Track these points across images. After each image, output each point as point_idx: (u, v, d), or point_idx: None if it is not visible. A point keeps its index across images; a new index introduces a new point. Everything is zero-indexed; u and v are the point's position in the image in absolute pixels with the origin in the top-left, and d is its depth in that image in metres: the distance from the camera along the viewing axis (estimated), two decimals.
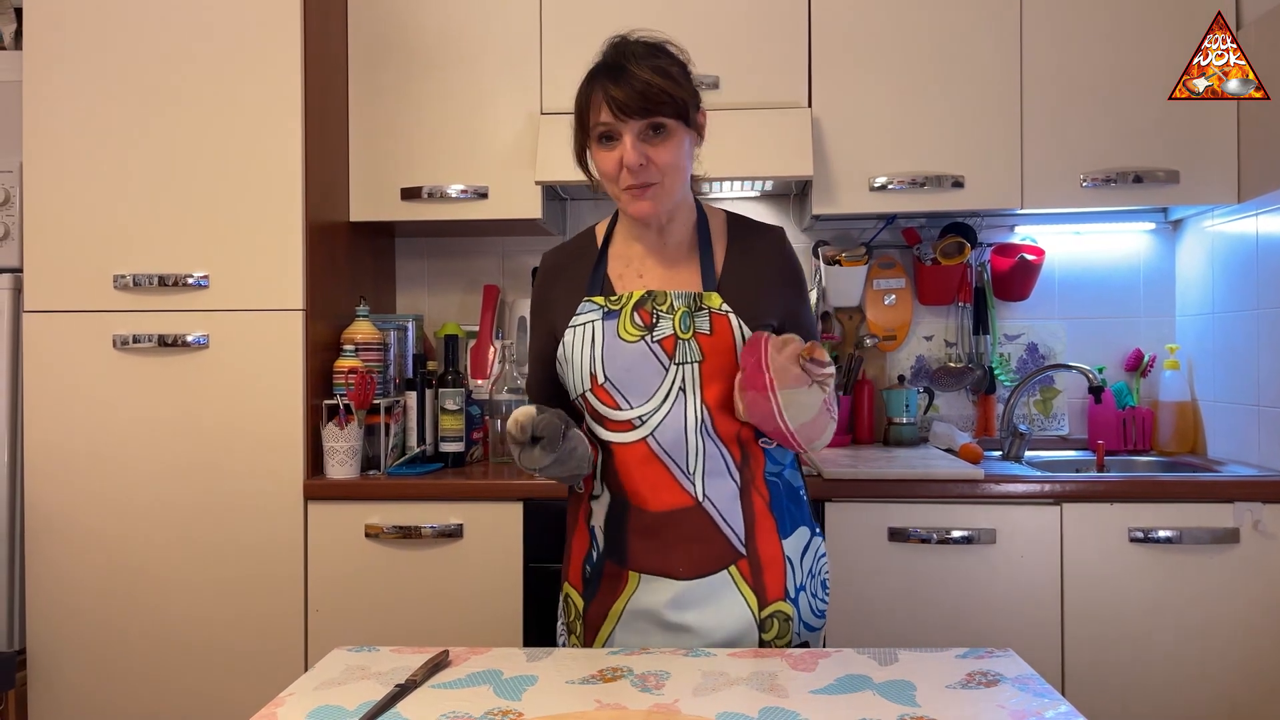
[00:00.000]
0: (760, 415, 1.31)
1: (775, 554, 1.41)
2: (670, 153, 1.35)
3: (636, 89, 1.32)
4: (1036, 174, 2.32)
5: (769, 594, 1.40)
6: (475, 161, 2.40)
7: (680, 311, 1.38)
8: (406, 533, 2.13)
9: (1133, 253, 2.66)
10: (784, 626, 1.41)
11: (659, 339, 1.37)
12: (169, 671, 2.17)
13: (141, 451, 2.18)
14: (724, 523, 1.39)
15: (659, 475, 1.38)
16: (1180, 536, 2.03)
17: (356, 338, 2.30)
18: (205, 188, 2.18)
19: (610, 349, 1.38)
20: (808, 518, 1.48)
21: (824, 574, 1.49)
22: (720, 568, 1.39)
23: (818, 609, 1.46)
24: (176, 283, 2.18)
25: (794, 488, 1.47)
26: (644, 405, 1.38)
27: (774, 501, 1.42)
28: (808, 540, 1.46)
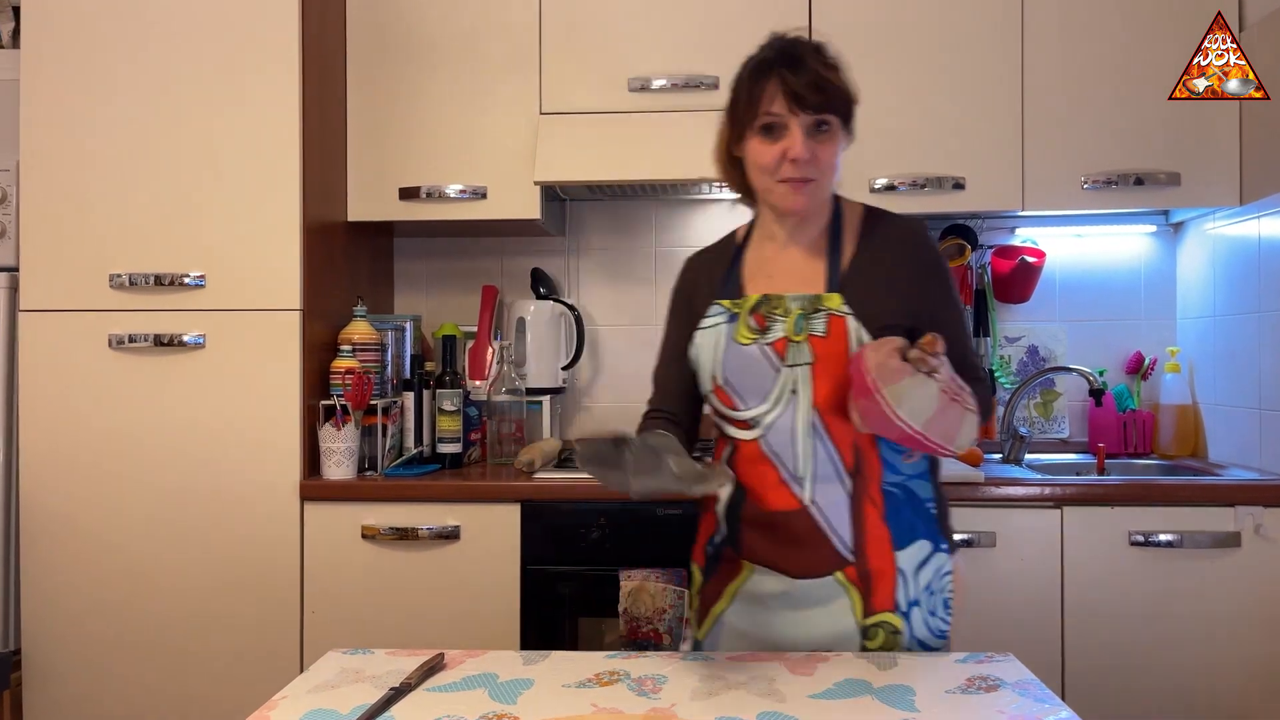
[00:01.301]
0: (877, 421, 1.25)
1: (886, 565, 1.37)
2: (832, 152, 1.37)
3: (814, 82, 1.33)
4: (1038, 176, 2.31)
5: (876, 603, 1.37)
6: (474, 161, 2.39)
7: (795, 314, 1.38)
8: (403, 534, 2.12)
9: (1134, 255, 2.65)
10: (891, 639, 1.37)
11: (770, 341, 1.38)
12: (164, 672, 2.15)
13: (137, 452, 2.16)
14: (831, 529, 1.37)
15: (769, 476, 1.40)
16: (1181, 540, 2.02)
17: (354, 338, 2.29)
18: (202, 186, 2.17)
19: (729, 352, 1.40)
20: (933, 532, 1.41)
21: (946, 592, 1.40)
22: (826, 572, 1.38)
23: (936, 629, 1.39)
24: (173, 282, 2.17)
25: (919, 499, 1.41)
26: (759, 407, 1.39)
27: (890, 512, 1.38)
28: (928, 554, 1.39)
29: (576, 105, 2.37)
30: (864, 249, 1.42)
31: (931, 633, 1.39)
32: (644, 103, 2.36)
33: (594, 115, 2.36)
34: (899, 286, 1.40)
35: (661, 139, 2.31)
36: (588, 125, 2.35)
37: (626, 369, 2.75)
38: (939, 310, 1.41)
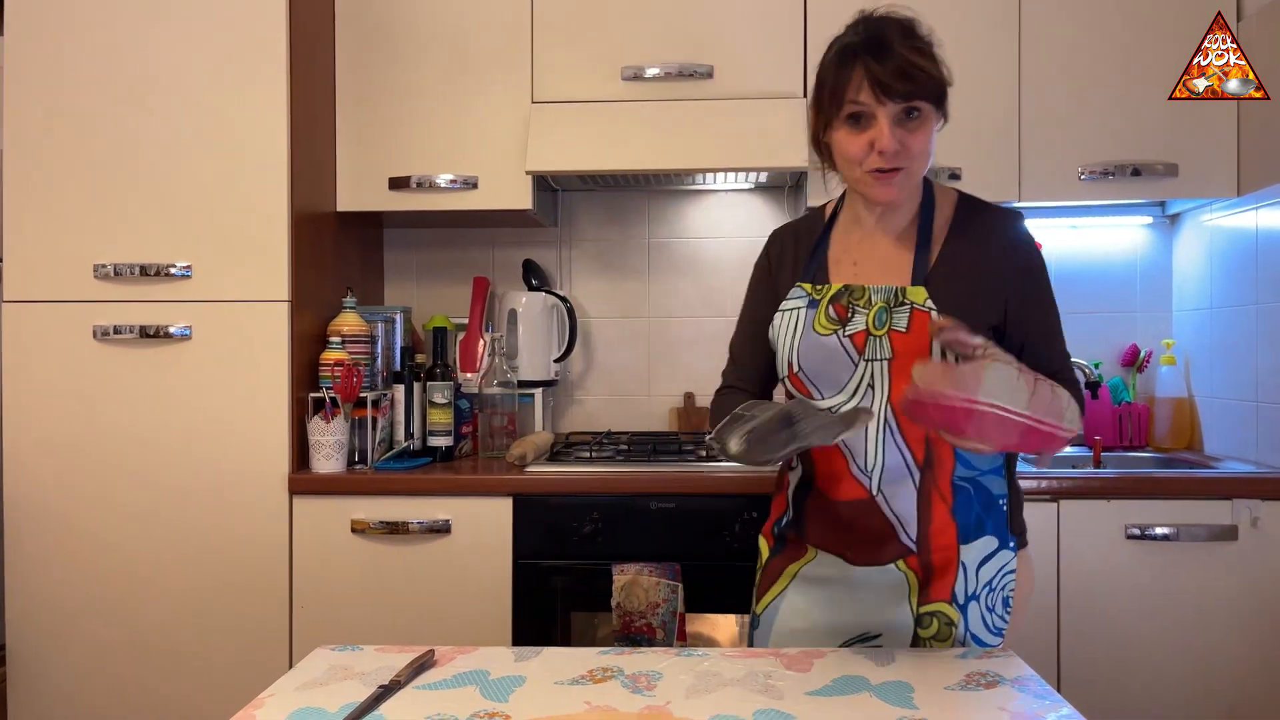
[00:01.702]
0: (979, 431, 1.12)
1: (950, 557, 1.36)
2: (924, 139, 1.31)
3: (902, 69, 1.26)
4: (1034, 166, 2.29)
5: (933, 593, 1.37)
6: (465, 151, 2.36)
7: (877, 306, 1.34)
8: (394, 528, 2.10)
9: (1129, 247, 2.64)
10: (945, 629, 1.36)
11: (851, 334, 1.35)
12: (151, 668, 2.13)
13: (123, 445, 2.13)
14: (897, 520, 1.37)
15: (839, 466, 1.39)
16: (1177, 533, 2.01)
17: (343, 330, 2.26)
18: (188, 176, 2.14)
19: (806, 340, 1.38)
20: (1001, 528, 1.38)
21: (1007, 590, 1.38)
22: (889, 560, 1.38)
23: (994, 625, 1.38)
24: (159, 273, 2.14)
25: (991, 494, 1.38)
26: (835, 397, 1.37)
27: (959, 506, 1.36)
28: (993, 550, 1.38)
29: (569, 94, 2.34)
30: (954, 241, 1.37)
31: (988, 629, 1.38)
32: (637, 92, 2.33)
33: (586, 104, 2.33)
34: (988, 283, 1.35)
35: (655, 128, 2.29)
36: (580, 114, 2.32)
37: (619, 361, 2.73)
38: (1029, 310, 1.36)
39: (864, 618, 1.41)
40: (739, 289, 2.66)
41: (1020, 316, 1.36)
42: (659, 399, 2.72)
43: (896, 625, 1.39)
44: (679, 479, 2.07)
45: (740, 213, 2.70)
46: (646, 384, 2.73)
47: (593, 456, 2.22)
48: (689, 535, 2.05)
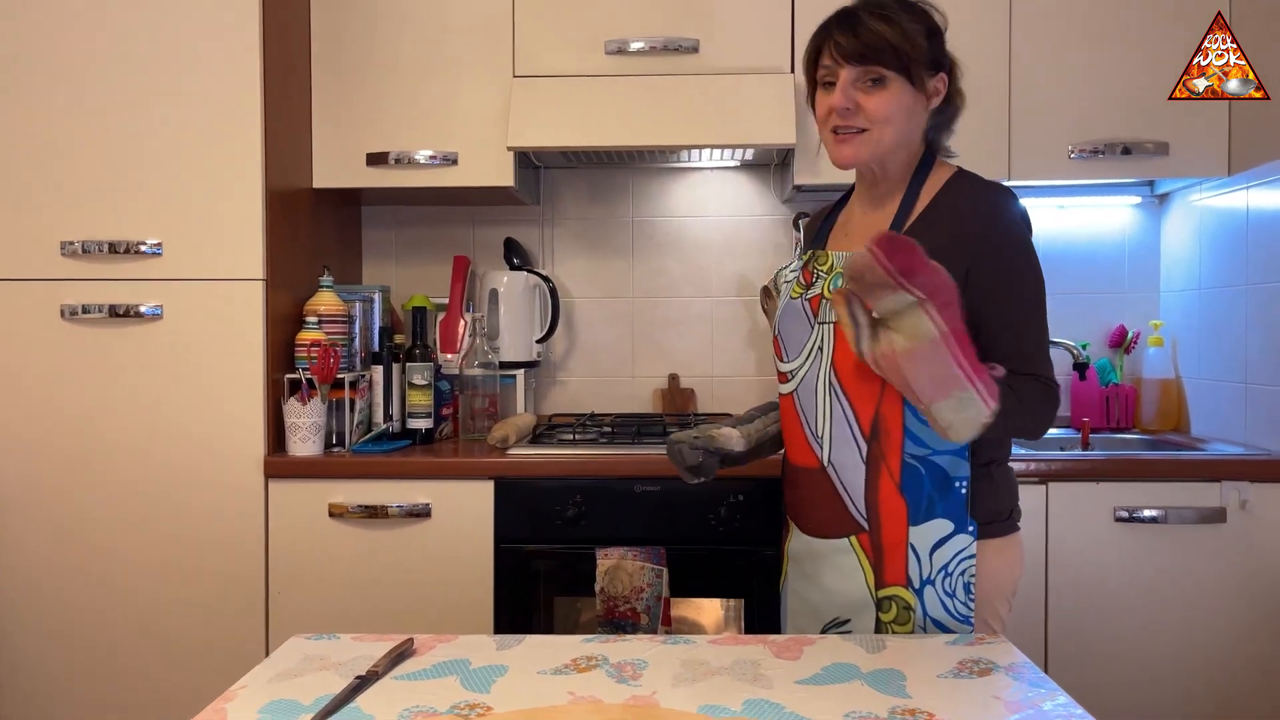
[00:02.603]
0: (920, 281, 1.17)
1: (898, 538, 1.35)
2: (884, 104, 1.35)
3: (859, 36, 1.34)
4: (1024, 144, 2.26)
5: (887, 576, 1.36)
6: (445, 126, 2.30)
7: (835, 272, 1.38)
8: (372, 512, 2.05)
9: (1118, 227, 2.62)
10: (904, 614, 1.36)
11: (809, 297, 1.40)
12: (125, 653, 2.08)
13: (93, 427, 2.08)
14: (845, 492, 1.38)
15: (797, 432, 1.44)
16: (1166, 516, 1.99)
17: (320, 309, 2.21)
18: (159, 151, 2.08)
19: (785, 304, 1.46)
20: (957, 511, 1.35)
21: (966, 576, 1.35)
22: (841, 534, 1.40)
23: (957, 611, 1.36)
24: (128, 250, 2.08)
25: (947, 476, 1.34)
26: (795, 360, 1.43)
27: (907, 484, 1.34)
28: (947, 534, 1.35)
29: (551, 68, 2.29)
30: (929, 214, 1.37)
31: (951, 615, 1.36)
32: (621, 66, 2.28)
33: (569, 79, 2.28)
34: (948, 257, 1.29)
35: (640, 104, 2.24)
36: (563, 89, 2.27)
37: (602, 341, 2.69)
38: (990, 291, 1.31)
39: (832, 599, 1.42)
40: (724, 268, 2.68)
41: (979, 297, 1.30)
42: (643, 380, 2.69)
43: (860, 607, 1.39)
44: (663, 462, 2.01)
45: (726, 190, 2.66)
46: (630, 365, 2.69)
47: (576, 439, 2.18)
48: (674, 519, 2.02)
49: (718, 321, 2.67)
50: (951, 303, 1.20)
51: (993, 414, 1.24)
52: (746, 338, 2.67)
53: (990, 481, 1.39)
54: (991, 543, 1.38)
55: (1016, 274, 1.34)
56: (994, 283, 1.32)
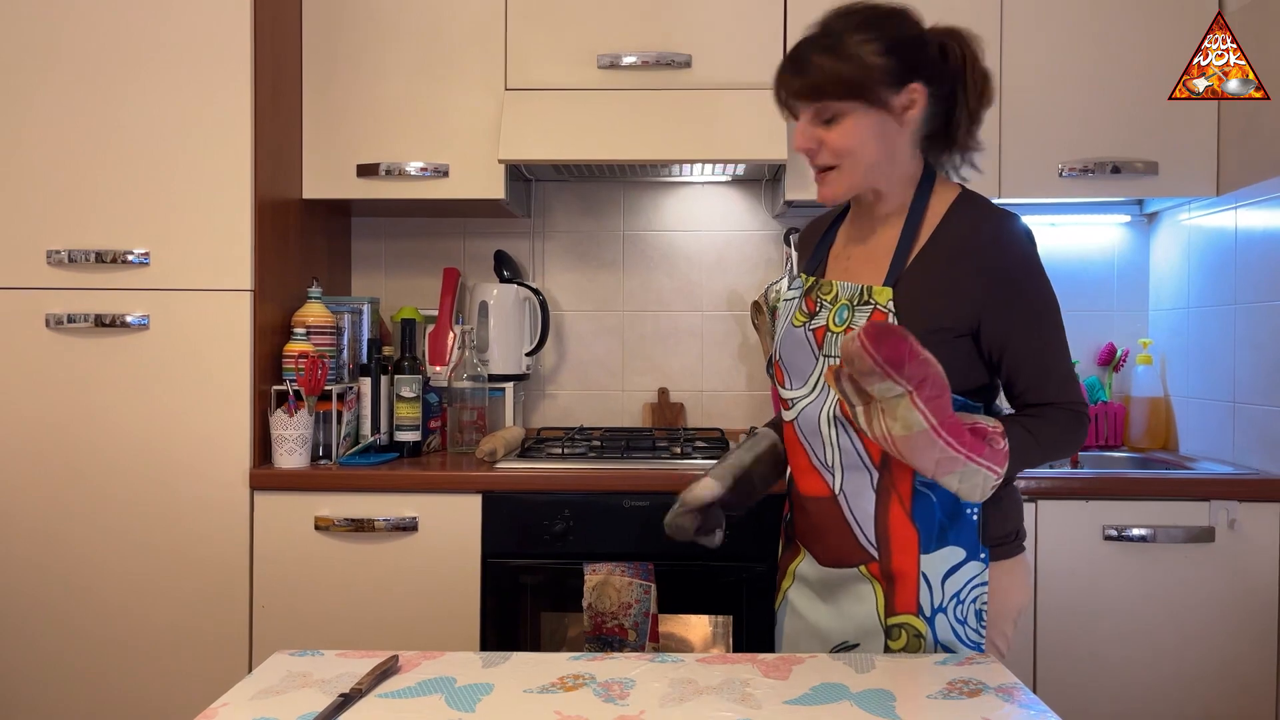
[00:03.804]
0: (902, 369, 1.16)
1: (909, 567, 1.33)
2: (844, 136, 1.30)
3: (805, 74, 1.30)
4: (1014, 163, 2.27)
5: (898, 604, 1.34)
6: (436, 138, 2.30)
7: (841, 304, 1.34)
8: (359, 525, 2.03)
9: (1107, 246, 2.63)
10: (914, 642, 1.33)
11: (813, 328, 1.37)
12: (106, 668, 2.05)
13: (77, 438, 2.06)
14: (855, 522, 1.35)
15: (803, 460, 1.41)
16: (1155, 535, 1.99)
17: (308, 320, 2.19)
18: (147, 159, 2.06)
19: (786, 331, 1.42)
20: (968, 539, 1.33)
21: (978, 604, 1.33)
22: (852, 564, 1.38)
23: (968, 638, 1.33)
24: (115, 259, 2.06)
25: (958, 503, 1.32)
26: (799, 389, 1.40)
27: (918, 511, 1.32)
28: (959, 562, 1.33)
29: (543, 81, 2.29)
30: (935, 242, 1.32)
31: (963, 642, 1.34)
32: (614, 80, 2.28)
33: (561, 92, 2.28)
34: (958, 291, 1.28)
35: (631, 118, 2.24)
36: (555, 102, 2.27)
37: (592, 355, 2.68)
38: (1007, 323, 1.29)
39: (843, 623, 1.39)
40: (715, 283, 2.68)
41: (996, 330, 1.29)
42: (633, 394, 2.68)
43: (869, 633, 1.37)
44: (652, 476, 2.02)
45: (717, 205, 2.66)
46: (620, 379, 2.68)
47: (565, 453, 2.17)
48: (662, 534, 1.99)
49: (708, 336, 2.67)
50: (940, 394, 1.17)
51: (1002, 477, 1.25)
52: (737, 352, 2.66)
53: (997, 506, 1.36)
54: (998, 565, 1.36)
55: (1034, 304, 1.31)
56: (1012, 315, 1.29)
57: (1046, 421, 1.30)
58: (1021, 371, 1.31)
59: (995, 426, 1.26)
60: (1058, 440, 1.31)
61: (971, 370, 1.32)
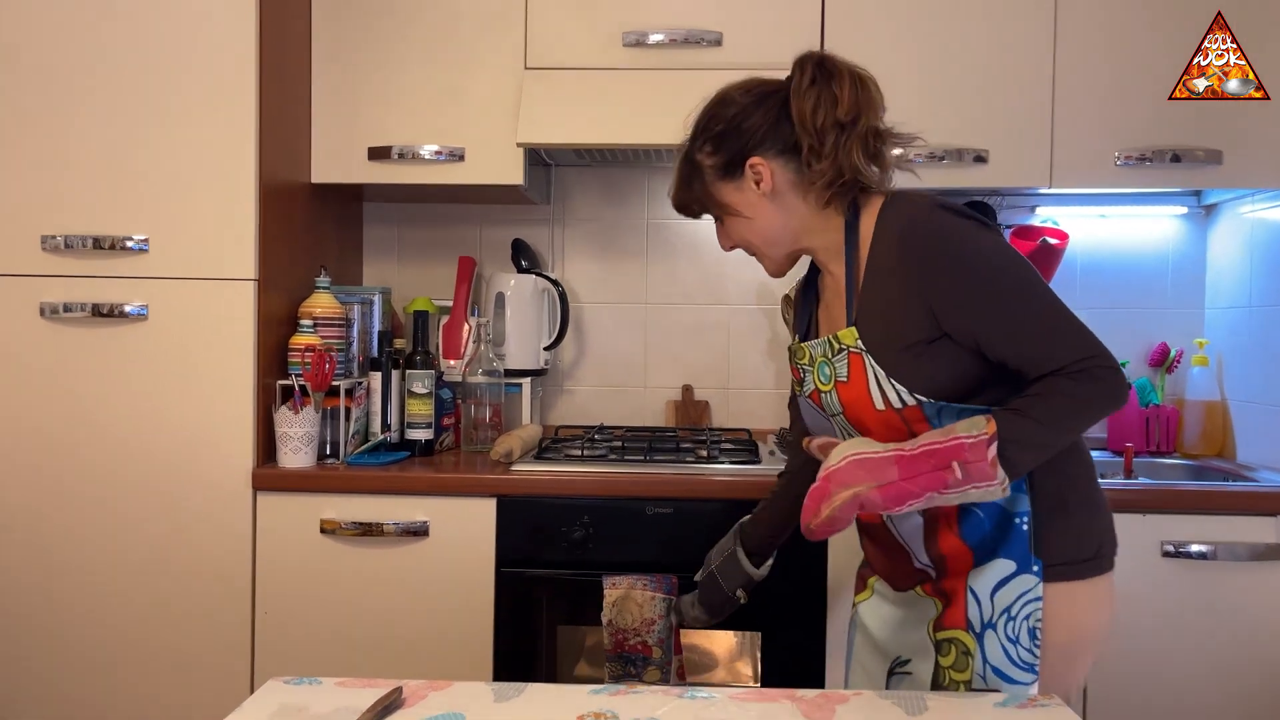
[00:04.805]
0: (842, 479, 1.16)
1: (957, 584, 1.25)
2: (734, 230, 1.35)
3: (672, 200, 1.40)
4: (1068, 150, 2.12)
5: (946, 619, 1.26)
6: (452, 120, 2.18)
7: (819, 362, 1.30)
8: (367, 530, 1.93)
9: (1161, 239, 2.48)
10: (962, 659, 1.23)
11: (808, 394, 1.34)
12: (101, 675, 1.96)
13: (71, 433, 1.96)
14: (907, 544, 1.30)
15: None
16: (1215, 552, 1.86)
17: (315, 311, 2.08)
18: (146, 141, 1.95)
19: (796, 397, 1.43)
20: (1019, 550, 1.22)
21: (1032, 621, 1.21)
22: (909, 586, 1.34)
23: (1020, 659, 1.22)
24: (113, 246, 1.96)
25: (1006, 513, 1.22)
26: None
27: (966, 528, 1.23)
28: (1008, 575, 1.22)
29: (565, 60, 2.16)
30: (871, 264, 1.24)
31: (1014, 663, 1.22)
32: (640, 59, 2.15)
33: (584, 71, 2.15)
34: (905, 301, 1.20)
35: (658, 99, 2.11)
36: (577, 82, 2.14)
37: (613, 349, 2.56)
38: (966, 309, 1.17)
39: (905, 640, 1.34)
40: (743, 275, 2.54)
41: (957, 322, 1.18)
42: (655, 391, 2.56)
43: (921, 650, 1.30)
44: (677, 482, 1.90)
45: None
46: (643, 375, 2.56)
47: (584, 455, 2.05)
48: (687, 543, 1.89)
49: (735, 331, 2.54)
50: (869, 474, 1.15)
51: (1002, 480, 1.12)
52: (765, 348, 2.53)
53: (1066, 517, 1.24)
54: (1070, 586, 1.23)
55: (979, 280, 1.17)
56: (963, 301, 1.18)
57: (1042, 397, 1.14)
58: (1006, 353, 1.17)
59: (971, 436, 1.12)
60: (1068, 408, 1.15)
61: (966, 370, 1.20)
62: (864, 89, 1.25)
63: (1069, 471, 1.25)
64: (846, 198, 1.27)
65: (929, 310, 1.19)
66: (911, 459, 1.14)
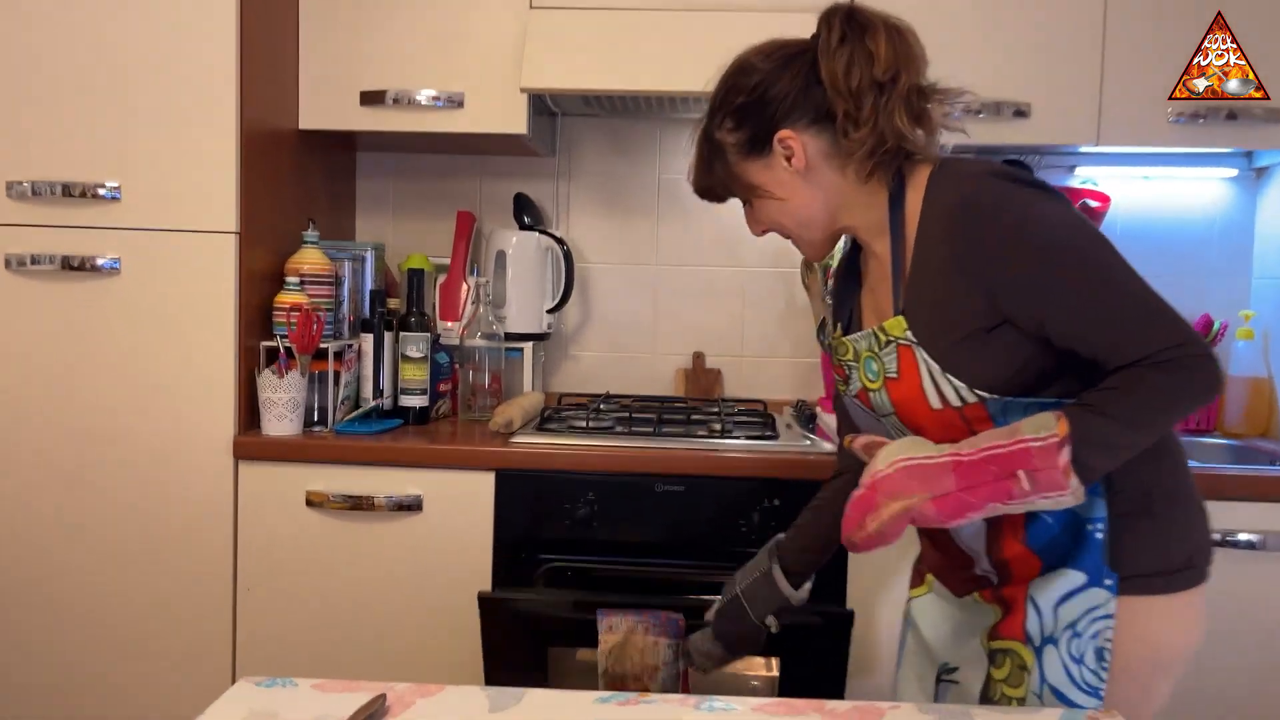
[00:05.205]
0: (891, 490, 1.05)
1: (1018, 592, 1.13)
2: (764, 213, 1.21)
3: (693, 185, 1.26)
4: (1117, 105, 1.97)
5: (1002, 628, 1.14)
6: (450, 62, 2.02)
7: (864, 357, 1.16)
8: (356, 503, 1.81)
9: (1208, 203, 2.33)
10: (1018, 674, 1.11)
11: (854, 393, 1.20)
12: (73, 657, 1.85)
13: (38, 395, 1.83)
14: (970, 550, 1.17)
15: None
16: (1265, 541, 1.74)
17: (302, 268, 1.95)
18: (119, 79, 1.81)
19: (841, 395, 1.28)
20: (1091, 562, 1.08)
21: (1100, 640, 1.08)
22: (966, 591, 1.22)
23: (1084, 681, 1.09)
24: (84, 193, 1.82)
25: (1078, 520, 1.09)
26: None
27: (1034, 536, 1.10)
28: (1076, 587, 1.08)
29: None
30: (920, 244, 1.10)
31: (1076, 685, 1.09)
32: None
33: (595, 11, 1.99)
34: (961, 282, 1.05)
35: (674, 43, 1.95)
36: (587, 23, 1.98)
37: (620, 313, 2.42)
38: (1027, 296, 1.03)
39: (956, 641, 1.24)
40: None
41: (1019, 307, 1.04)
42: (665, 358, 2.42)
43: (971, 658, 1.19)
44: (689, 458, 1.78)
45: None
46: (651, 340, 2.43)
47: (589, 426, 1.93)
48: (698, 524, 1.77)
49: (750, 295, 2.40)
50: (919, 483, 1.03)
51: (1075, 489, 0.98)
52: (782, 314, 2.39)
53: (1149, 521, 1.10)
54: (1150, 601, 1.09)
55: (1043, 258, 1.03)
56: (1026, 284, 1.03)
57: (1122, 390, 1.00)
58: (1078, 340, 1.03)
59: (1039, 439, 0.98)
60: (1153, 403, 1.00)
61: (1031, 360, 1.06)
62: (902, 41, 1.11)
63: (1155, 467, 1.10)
64: (890, 168, 1.13)
65: (987, 293, 1.05)
66: (971, 465, 1.00)
